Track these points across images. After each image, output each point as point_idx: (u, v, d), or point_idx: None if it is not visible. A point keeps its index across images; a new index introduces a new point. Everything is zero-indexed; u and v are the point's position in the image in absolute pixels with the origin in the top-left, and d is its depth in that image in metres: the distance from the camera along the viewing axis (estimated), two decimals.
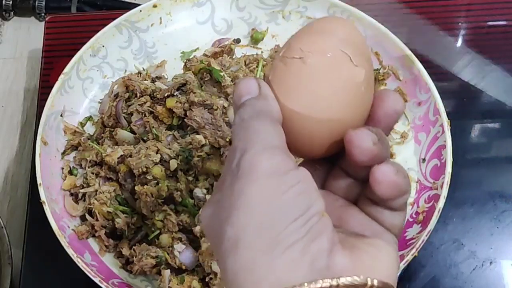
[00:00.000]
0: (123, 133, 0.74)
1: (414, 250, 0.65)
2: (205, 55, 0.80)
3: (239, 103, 0.39)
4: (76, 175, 0.73)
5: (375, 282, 0.35)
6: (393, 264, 0.38)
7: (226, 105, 0.71)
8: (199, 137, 0.70)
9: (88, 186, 0.71)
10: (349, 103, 0.39)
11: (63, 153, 0.74)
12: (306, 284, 0.34)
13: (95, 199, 0.70)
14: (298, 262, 0.34)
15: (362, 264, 0.36)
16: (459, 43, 0.88)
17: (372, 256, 0.37)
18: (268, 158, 0.36)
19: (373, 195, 0.38)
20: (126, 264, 0.69)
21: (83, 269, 0.64)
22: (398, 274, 0.68)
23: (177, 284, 0.66)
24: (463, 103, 0.83)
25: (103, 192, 0.70)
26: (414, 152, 0.75)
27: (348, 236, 0.38)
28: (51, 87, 0.75)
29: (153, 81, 0.78)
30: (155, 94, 0.74)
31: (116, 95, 0.77)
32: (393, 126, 0.41)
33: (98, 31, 0.78)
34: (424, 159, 0.73)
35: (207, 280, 0.66)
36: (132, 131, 0.74)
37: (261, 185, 0.35)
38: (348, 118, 0.39)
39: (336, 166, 0.42)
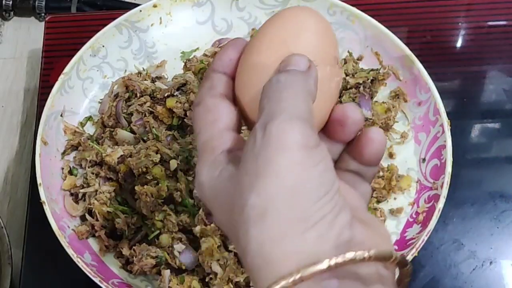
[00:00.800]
0: (123, 133, 0.74)
1: (414, 250, 0.65)
2: (205, 55, 0.80)
3: (283, 69, 0.39)
4: (76, 175, 0.73)
5: (398, 256, 0.36)
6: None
7: None
8: None
9: (88, 186, 0.71)
10: (331, 99, 0.42)
11: (63, 153, 0.74)
12: (337, 257, 0.34)
13: (95, 199, 0.70)
14: (325, 235, 0.34)
15: (376, 238, 0.37)
16: (459, 43, 0.88)
17: (380, 231, 0.38)
18: (299, 130, 0.35)
19: (359, 156, 0.42)
20: (126, 264, 0.69)
21: (83, 269, 0.64)
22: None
23: (177, 284, 0.66)
24: (463, 103, 0.83)
25: (103, 192, 0.70)
26: (414, 152, 0.75)
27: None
28: (51, 87, 0.75)
29: (153, 81, 0.78)
30: (155, 94, 0.74)
31: (116, 95, 0.77)
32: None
33: (98, 31, 0.78)
34: (424, 159, 0.73)
35: (207, 280, 0.66)
36: (132, 131, 0.74)
37: (293, 156, 0.35)
38: (327, 112, 0.42)
39: None
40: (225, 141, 0.40)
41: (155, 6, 0.81)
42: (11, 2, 0.94)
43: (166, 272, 0.66)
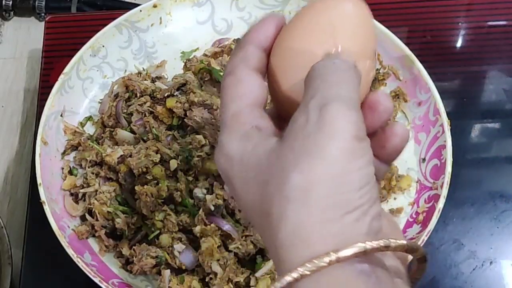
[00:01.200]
0: (123, 133, 0.74)
1: None
2: (205, 55, 0.80)
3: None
4: (76, 175, 0.73)
5: (424, 251, 0.38)
6: None
7: None
8: (199, 137, 0.70)
9: (88, 186, 0.71)
10: (366, 91, 0.41)
11: (63, 153, 0.74)
12: (373, 242, 0.35)
13: (95, 199, 0.70)
14: (360, 222, 0.35)
15: (395, 232, 0.39)
16: (459, 43, 0.88)
17: (396, 226, 0.40)
18: (354, 120, 0.36)
19: (380, 149, 0.42)
20: (126, 264, 0.69)
21: (83, 269, 0.64)
22: None
23: (177, 284, 0.66)
24: (463, 103, 0.83)
25: (103, 192, 0.70)
26: (414, 152, 0.75)
27: None
28: (51, 87, 0.75)
29: (153, 81, 0.78)
30: (155, 94, 0.74)
31: (116, 95, 0.77)
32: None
33: (98, 31, 0.78)
34: (424, 159, 0.73)
35: (207, 280, 0.66)
36: (132, 131, 0.74)
37: (344, 145, 0.35)
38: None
39: None
40: (255, 117, 0.40)
41: (155, 6, 0.81)
42: (11, 2, 0.94)
43: (166, 272, 0.66)
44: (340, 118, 0.36)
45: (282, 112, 0.41)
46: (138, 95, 0.75)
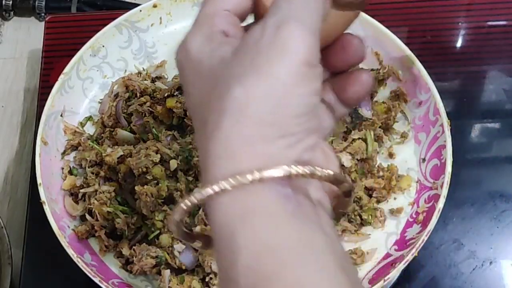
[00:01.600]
0: (123, 133, 0.74)
1: (414, 250, 0.65)
2: None
3: None
4: (76, 175, 0.73)
5: (348, 184, 0.38)
6: None
7: None
8: None
9: (88, 186, 0.71)
10: (344, 27, 0.41)
11: (63, 153, 0.74)
12: (299, 168, 0.34)
13: (95, 199, 0.70)
14: (291, 148, 0.35)
15: (330, 166, 0.38)
16: (459, 43, 0.88)
17: (334, 161, 0.39)
18: (309, 44, 0.35)
19: (340, 91, 0.42)
20: (126, 264, 0.69)
21: (83, 269, 0.64)
22: (398, 275, 0.69)
23: (177, 284, 0.66)
24: (463, 103, 0.83)
25: (103, 192, 0.70)
26: (414, 152, 0.75)
27: None
28: (51, 87, 0.75)
29: (153, 81, 0.78)
30: (155, 94, 0.74)
31: (116, 95, 0.77)
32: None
33: (98, 31, 0.78)
34: (424, 159, 0.73)
35: (207, 280, 0.66)
36: (132, 131, 0.74)
37: (293, 67, 0.35)
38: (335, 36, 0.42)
39: None
40: (227, 22, 0.39)
41: (155, 6, 0.81)
42: (11, 2, 0.94)
43: (166, 272, 0.66)
44: (296, 40, 0.35)
45: None
46: (138, 95, 0.75)
